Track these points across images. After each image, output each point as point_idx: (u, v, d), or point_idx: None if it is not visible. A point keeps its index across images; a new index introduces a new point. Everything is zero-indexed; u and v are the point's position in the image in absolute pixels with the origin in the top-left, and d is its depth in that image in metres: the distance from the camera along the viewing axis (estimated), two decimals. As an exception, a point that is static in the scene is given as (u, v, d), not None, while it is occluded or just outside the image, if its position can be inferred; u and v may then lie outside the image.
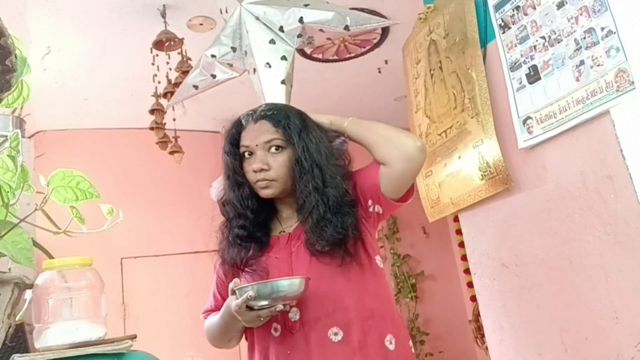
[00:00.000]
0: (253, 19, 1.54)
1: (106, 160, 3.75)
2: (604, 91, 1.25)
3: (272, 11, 1.52)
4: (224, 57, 1.59)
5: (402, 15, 2.41)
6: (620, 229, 1.26)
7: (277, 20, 1.51)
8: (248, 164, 1.25)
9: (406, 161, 1.19)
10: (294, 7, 1.49)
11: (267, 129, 1.24)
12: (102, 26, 2.65)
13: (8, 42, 0.80)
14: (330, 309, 1.16)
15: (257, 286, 1.07)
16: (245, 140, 1.25)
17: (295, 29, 1.48)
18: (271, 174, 1.22)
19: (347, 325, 1.16)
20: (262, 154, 1.23)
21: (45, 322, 0.85)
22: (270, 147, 1.23)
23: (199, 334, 4.33)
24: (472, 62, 1.67)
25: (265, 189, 1.23)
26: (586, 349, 1.36)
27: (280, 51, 1.50)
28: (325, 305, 1.17)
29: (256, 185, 1.23)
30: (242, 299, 1.05)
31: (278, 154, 1.23)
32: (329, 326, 1.15)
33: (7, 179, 0.89)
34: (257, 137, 1.24)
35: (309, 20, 1.47)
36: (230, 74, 1.62)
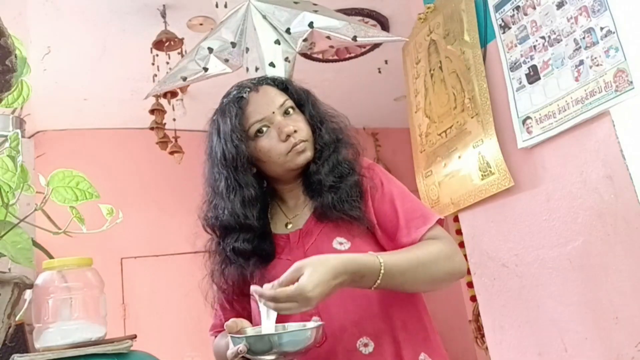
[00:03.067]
0: (260, 17, 1.53)
1: (106, 160, 3.76)
2: (603, 91, 1.25)
3: (281, 12, 1.51)
4: (220, 52, 1.58)
5: (402, 15, 2.41)
6: (620, 229, 1.26)
7: (286, 21, 1.50)
8: (269, 139, 1.07)
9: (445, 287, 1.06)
10: (304, 11, 1.48)
11: (275, 92, 1.11)
12: (102, 26, 2.65)
13: (8, 42, 0.80)
14: (357, 316, 1.01)
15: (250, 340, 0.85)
16: (258, 113, 1.07)
17: (303, 33, 1.48)
18: (302, 134, 1.08)
19: (378, 335, 1.01)
20: (281, 119, 1.08)
21: (45, 322, 0.85)
22: (286, 110, 1.09)
23: (199, 334, 4.33)
24: (472, 62, 1.67)
25: (303, 152, 1.07)
26: (586, 349, 1.36)
27: (284, 52, 1.50)
28: (350, 312, 1.01)
29: (292, 153, 1.06)
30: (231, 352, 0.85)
31: (294, 114, 1.10)
32: (357, 336, 1.00)
33: (7, 179, 0.89)
34: (270, 103, 1.08)
35: (319, 25, 1.46)
36: (223, 69, 1.59)
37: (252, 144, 1.08)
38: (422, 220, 1.05)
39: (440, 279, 1.02)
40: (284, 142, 1.06)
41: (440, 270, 1.01)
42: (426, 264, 0.99)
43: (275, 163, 1.08)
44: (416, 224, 1.04)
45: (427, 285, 1.03)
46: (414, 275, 0.98)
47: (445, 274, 1.02)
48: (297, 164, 1.08)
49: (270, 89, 1.11)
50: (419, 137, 1.97)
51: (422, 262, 0.98)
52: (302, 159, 1.07)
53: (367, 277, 0.92)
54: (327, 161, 1.08)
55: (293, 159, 1.07)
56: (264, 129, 1.07)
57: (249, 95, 1.09)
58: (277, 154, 1.07)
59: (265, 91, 1.10)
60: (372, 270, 0.92)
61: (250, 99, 1.09)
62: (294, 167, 1.08)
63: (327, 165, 1.08)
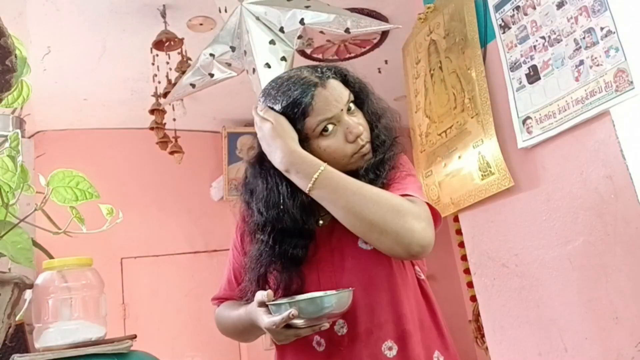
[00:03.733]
0: (253, 18, 1.54)
1: (106, 160, 3.76)
2: (603, 91, 1.25)
3: (273, 12, 1.52)
4: (222, 57, 1.59)
5: (402, 15, 2.41)
6: (620, 229, 1.26)
7: (278, 21, 1.51)
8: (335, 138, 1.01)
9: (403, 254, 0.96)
10: (295, 8, 1.49)
11: (341, 87, 1.04)
12: (102, 26, 2.65)
13: (8, 42, 0.80)
14: (383, 319, 1.00)
15: (301, 303, 0.89)
16: (328, 111, 1.00)
17: (296, 30, 1.49)
18: (367, 135, 1.04)
19: (403, 337, 0.99)
20: (347, 117, 1.02)
21: (45, 322, 0.85)
22: (349, 108, 1.04)
23: (199, 334, 4.34)
24: (472, 62, 1.67)
25: (367, 155, 1.04)
26: (586, 349, 1.36)
27: (280, 52, 1.50)
28: (376, 315, 1.00)
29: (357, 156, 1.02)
30: (281, 318, 0.87)
31: (355, 111, 1.05)
32: (382, 339, 0.99)
33: (7, 179, 0.89)
34: (339, 100, 1.01)
35: (310, 21, 1.47)
36: (228, 73, 1.62)
37: (315, 142, 1.02)
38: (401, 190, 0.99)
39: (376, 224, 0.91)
40: (352, 144, 1.01)
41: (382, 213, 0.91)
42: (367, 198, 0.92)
43: (338, 164, 1.01)
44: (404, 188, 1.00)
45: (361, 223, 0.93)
46: (347, 200, 0.92)
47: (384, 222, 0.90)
48: (359, 166, 1.04)
49: (337, 84, 1.03)
50: (419, 137, 1.97)
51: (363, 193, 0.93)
52: (364, 161, 1.04)
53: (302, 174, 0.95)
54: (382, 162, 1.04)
55: (357, 162, 1.03)
56: (329, 127, 1.01)
57: (314, 92, 1.00)
58: (342, 155, 1.02)
59: (332, 86, 1.02)
60: (309, 169, 0.95)
61: (318, 96, 1.00)
62: (354, 168, 1.03)
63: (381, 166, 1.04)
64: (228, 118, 4.05)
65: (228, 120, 4.08)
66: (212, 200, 4.17)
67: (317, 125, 1.00)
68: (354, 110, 1.05)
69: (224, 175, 4.10)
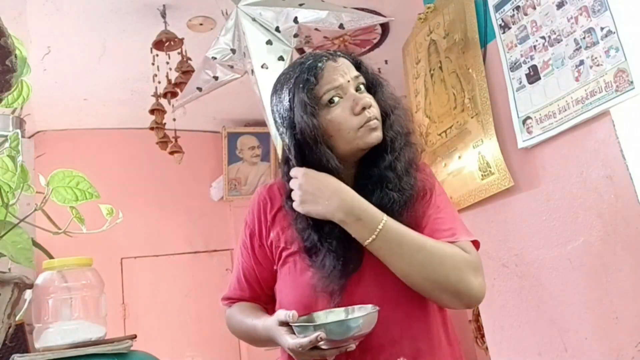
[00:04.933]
0: (249, 20, 1.54)
1: (106, 160, 3.76)
2: (603, 91, 1.25)
3: (267, 12, 1.53)
4: (224, 59, 1.60)
5: (402, 15, 2.41)
6: (620, 229, 1.26)
7: (273, 21, 1.52)
8: (341, 109, 0.98)
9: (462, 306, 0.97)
10: (288, 7, 1.50)
11: (350, 65, 1.03)
12: (102, 26, 2.65)
13: (8, 42, 0.80)
14: (397, 336, 0.96)
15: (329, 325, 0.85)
16: (335, 79, 0.98)
17: (291, 29, 1.49)
18: (376, 111, 0.99)
19: (416, 355, 0.96)
20: (354, 91, 1.00)
21: (45, 322, 0.85)
22: (358, 85, 1.01)
23: (199, 334, 4.33)
24: (472, 62, 1.67)
25: (375, 130, 0.98)
26: (586, 349, 1.36)
27: (278, 51, 1.51)
28: (390, 331, 0.96)
29: (364, 129, 0.97)
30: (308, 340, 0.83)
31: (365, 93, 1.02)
32: (395, 356, 0.96)
33: (7, 179, 0.89)
34: (346, 72, 1.00)
35: (303, 19, 1.48)
36: (231, 75, 1.63)
37: (323, 113, 0.99)
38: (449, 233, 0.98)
39: (440, 283, 0.92)
40: (357, 116, 0.97)
41: (445, 274, 0.91)
42: (431, 255, 0.91)
43: (344, 138, 0.98)
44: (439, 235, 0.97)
45: (425, 282, 0.93)
46: (411, 257, 0.91)
47: (448, 283, 0.92)
48: (367, 143, 0.98)
49: (347, 61, 1.03)
50: (419, 137, 1.97)
51: (427, 250, 0.91)
52: (373, 137, 0.98)
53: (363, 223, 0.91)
54: (400, 156, 1.00)
55: (364, 136, 0.98)
56: (335, 99, 0.98)
57: (325, 63, 1.00)
58: (348, 128, 0.97)
59: (342, 61, 1.02)
60: (371, 220, 0.90)
61: (327, 67, 0.99)
62: (362, 146, 0.98)
63: (402, 161, 1.00)
64: (228, 118, 4.05)
65: (228, 120, 4.08)
66: (212, 200, 4.18)
67: (323, 93, 0.98)
68: (364, 91, 1.02)
69: (224, 175, 4.10)
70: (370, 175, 1.01)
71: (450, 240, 0.96)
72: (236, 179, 4.12)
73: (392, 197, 0.97)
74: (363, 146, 0.99)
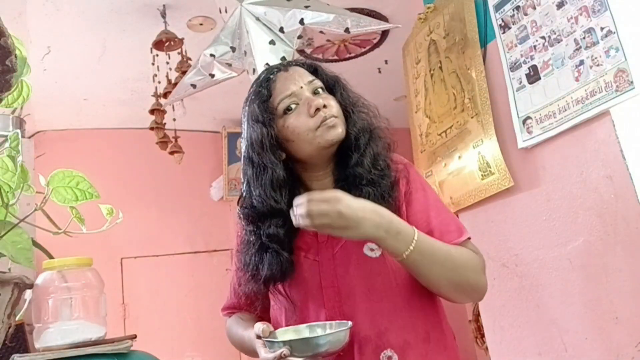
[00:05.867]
0: (253, 19, 1.54)
1: (106, 160, 3.76)
2: (603, 91, 1.25)
3: (272, 12, 1.52)
4: (222, 57, 1.60)
5: (402, 15, 2.41)
6: (620, 229, 1.26)
7: (278, 21, 1.51)
8: (297, 115, 1.01)
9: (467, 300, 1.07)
10: (294, 8, 1.49)
11: (303, 72, 1.07)
12: (102, 26, 2.65)
13: (8, 42, 0.80)
14: (383, 328, 0.98)
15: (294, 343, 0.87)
16: (287, 88, 1.02)
17: (296, 30, 1.49)
18: (333, 110, 1.02)
19: (402, 347, 0.98)
20: (310, 95, 1.03)
21: (45, 322, 0.85)
22: (314, 88, 1.04)
23: (199, 334, 4.32)
24: (472, 62, 1.67)
25: (334, 127, 1.00)
26: (586, 349, 1.36)
27: (280, 52, 1.50)
28: (377, 323, 0.98)
29: (322, 128, 1.00)
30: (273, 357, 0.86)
31: (324, 94, 1.05)
32: (381, 348, 0.97)
33: (7, 179, 0.89)
34: (299, 79, 1.04)
35: (310, 21, 1.47)
36: (228, 73, 1.62)
37: (280, 122, 1.02)
38: (457, 234, 1.02)
39: (462, 286, 0.98)
40: (313, 117, 1.00)
41: (467, 277, 0.98)
42: (456, 262, 0.96)
43: (305, 141, 1.01)
44: (450, 237, 1.01)
45: (449, 285, 0.97)
46: (441, 266, 0.95)
47: (468, 284, 0.98)
48: (328, 140, 1.00)
49: (301, 70, 1.07)
50: (419, 137, 1.97)
51: (452, 259, 0.96)
52: (332, 135, 1.00)
53: (402, 236, 0.91)
54: (366, 152, 1.03)
55: (323, 134, 1.00)
56: (292, 106, 1.02)
57: (276, 75, 1.05)
58: (306, 130, 1.00)
59: (294, 69, 1.06)
60: (407, 233, 0.92)
61: (279, 78, 1.05)
62: (324, 144, 1.00)
63: (368, 156, 1.03)
64: (228, 118, 4.05)
65: (228, 120, 4.08)
66: (212, 200, 4.18)
67: (278, 103, 1.03)
68: (322, 94, 1.04)
69: (224, 175, 4.11)
70: (346, 175, 1.03)
71: (459, 242, 1.01)
72: (236, 179, 4.12)
73: (367, 192, 1.00)
74: (325, 144, 1.01)
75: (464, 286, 0.98)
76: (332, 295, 1.01)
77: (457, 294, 1.00)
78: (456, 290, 0.99)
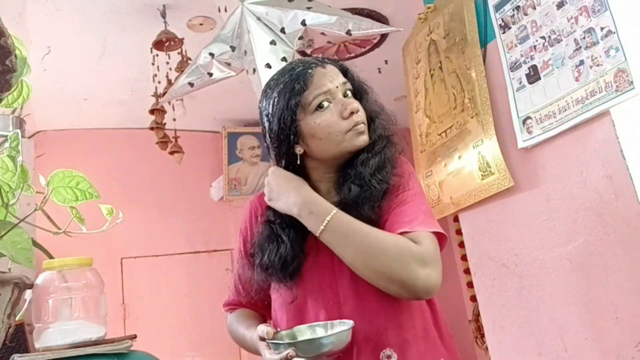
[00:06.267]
0: (254, 19, 1.54)
1: (106, 160, 3.76)
2: (603, 91, 1.25)
3: (274, 12, 1.52)
4: (222, 56, 1.59)
5: (402, 15, 2.41)
6: (620, 229, 1.26)
7: (279, 22, 1.51)
8: (330, 113, 1.02)
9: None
10: (296, 9, 1.49)
11: (338, 71, 1.08)
12: (102, 26, 2.65)
13: (8, 42, 0.80)
14: (382, 327, 0.99)
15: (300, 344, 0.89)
16: (324, 85, 1.03)
17: (297, 31, 1.49)
18: (361, 115, 1.04)
19: (402, 346, 0.99)
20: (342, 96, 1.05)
21: (45, 322, 0.85)
22: (345, 91, 1.06)
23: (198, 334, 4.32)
24: (472, 62, 1.67)
25: (362, 134, 1.03)
26: (586, 349, 1.36)
27: (280, 52, 1.50)
28: (375, 323, 0.99)
29: (352, 132, 1.02)
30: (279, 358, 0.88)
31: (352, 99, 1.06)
32: (381, 348, 0.98)
33: (7, 179, 0.89)
34: (335, 78, 1.05)
35: (312, 23, 1.47)
36: (227, 72, 1.62)
37: (310, 118, 1.03)
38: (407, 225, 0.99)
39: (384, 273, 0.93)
40: (346, 120, 1.02)
41: (387, 264, 0.92)
42: (373, 247, 0.94)
43: (332, 142, 1.02)
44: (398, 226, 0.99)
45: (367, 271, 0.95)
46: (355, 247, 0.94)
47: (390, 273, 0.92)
48: (355, 145, 1.03)
49: (335, 69, 1.08)
50: (419, 137, 1.97)
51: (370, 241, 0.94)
52: (360, 141, 1.03)
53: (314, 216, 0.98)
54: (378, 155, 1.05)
55: (352, 139, 1.03)
56: (324, 104, 1.03)
57: (314, 70, 1.05)
58: (337, 131, 1.02)
59: (330, 67, 1.07)
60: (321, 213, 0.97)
61: (316, 73, 1.04)
62: (350, 149, 1.03)
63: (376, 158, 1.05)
64: (228, 118, 4.05)
65: (228, 120, 4.08)
66: (212, 200, 4.17)
67: (313, 98, 1.02)
68: (351, 97, 1.07)
69: (224, 175, 4.10)
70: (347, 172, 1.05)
71: (404, 231, 0.97)
72: (236, 179, 4.12)
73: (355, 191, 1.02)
74: (351, 149, 1.04)
75: (387, 274, 0.93)
76: (331, 296, 1.02)
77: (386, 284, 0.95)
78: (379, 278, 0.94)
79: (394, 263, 0.92)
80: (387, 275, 0.93)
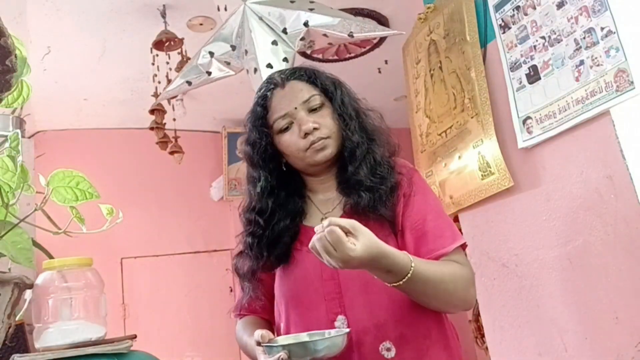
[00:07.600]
0: (256, 18, 1.53)
1: (106, 160, 3.76)
2: (603, 91, 1.25)
3: (276, 12, 1.51)
4: (222, 55, 1.59)
5: (402, 15, 2.41)
6: (620, 229, 1.26)
7: (281, 22, 1.50)
8: (291, 134, 1.08)
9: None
10: (299, 10, 1.48)
11: (301, 87, 1.11)
12: (102, 26, 2.65)
13: (8, 42, 0.80)
14: (382, 319, 1.01)
15: (292, 347, 0.90)
16: (281, 109, 1.09)
17: (299, 32, 1.48)
18: (324, 131, 1.07)
19: (401, 340, 1.00)
20: (305, 114, 1.08)
21: (45, 322, 0.85)
22: (311, 106, 1.09)
23: (198, 333, 4.32)
24: (472, 62, 1.67)
25: (322, 150, 1.07)
26: (586, 349, 1.36)
27: (282, 53, 1.50)
28: (375, 314, 1.01)
29: (310, 150, 1.07)
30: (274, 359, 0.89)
31: (321, 110, 1.09)
32: (380, 340, 1.00)
33: (7, 179, 0.89)
34: (293, 99, 1.09)
35: (314, 24, 1.46)
36: (226, 72, 1.61)
37: (277, 138, 1.11)
38: (451, 239, 1.03)
39: (453, 303, 1.01)
40: (304, 139, 1.07)
41: (457, 294, 1.00)
42: (448, 284, 0.98)
43: (297, 158, 1.10)
44: (443, 242, 1.03)
45: (441, 304, 1.01)
46: (434, 290, 0.97)
47: (459, 300, 1.01)
48: (316, 161, 1.08)
49: (297, 84, 1.11)
50: (419, 137, 1.97)
51: (445, 280, 0.98)
52: (320, 157, 1.08)
53: (392, 275, 0.92)
54: (364, 161, 1.08)
55: (312, 156, 1.08)
56: (284, 126, 1.09)
57: (273, 92, 1.11)
58: (297, 150, 1.08)
59: (291, 87, 1.11)
60: (401, 271, 0.92)
61: (275, 96, 1.11)
62: (312, 163, 1.09)
63: (364, 166, 1.07)
64: (228, 118, 4.05)
65: (228, 120, 4.08)
66: (212, 200, 4.18)
67: (273, 122, 1.10)
68: (319, 109, 1.09)
69: (224, 175, 4.11)
70: (347, 179, 1.08)
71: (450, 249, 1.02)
72: (236, 179, 4.12)
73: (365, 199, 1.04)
74: (313, 164, 1.09)
75: (454, 302, 1.01)
76: (333, 288, 1.04)
77: (447, 309, 1.04)
78: (446, 306, 1.03)
79: (462, 292, 1.01)
80: (455, 303, 1.01)
